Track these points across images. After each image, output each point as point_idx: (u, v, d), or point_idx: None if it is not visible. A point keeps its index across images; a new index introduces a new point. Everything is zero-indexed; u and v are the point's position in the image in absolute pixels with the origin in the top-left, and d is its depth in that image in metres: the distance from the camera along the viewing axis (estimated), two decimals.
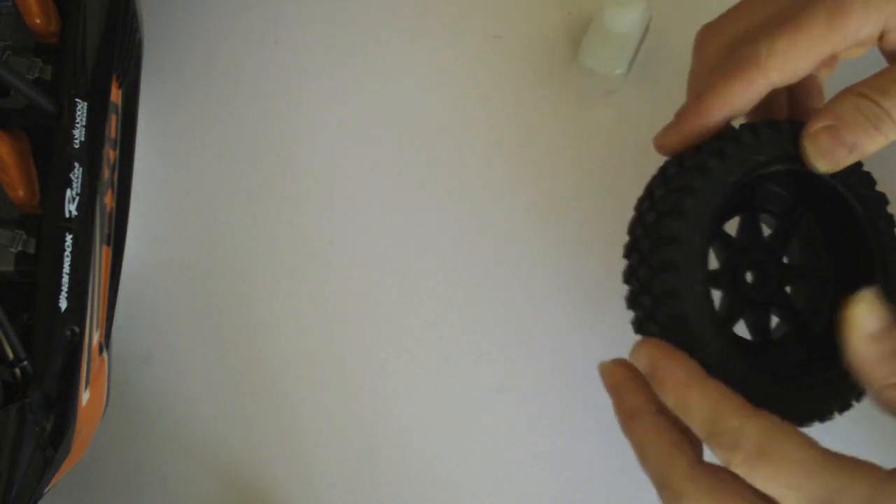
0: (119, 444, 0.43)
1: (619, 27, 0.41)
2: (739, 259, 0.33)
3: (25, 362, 0.33)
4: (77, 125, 0.37)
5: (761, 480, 0.27)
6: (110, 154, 0.40)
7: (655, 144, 0.33)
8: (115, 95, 0.40)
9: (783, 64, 0.30)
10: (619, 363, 0.31)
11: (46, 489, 0.34)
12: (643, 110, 0.44)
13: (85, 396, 0.36)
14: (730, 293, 0.32)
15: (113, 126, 0.40)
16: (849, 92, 0.30)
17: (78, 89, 0.37)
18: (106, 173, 0.39)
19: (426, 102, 0.46)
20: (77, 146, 0.36)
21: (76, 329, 0.35)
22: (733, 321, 0.32)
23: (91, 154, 0.37)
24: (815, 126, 0.30)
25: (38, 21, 0.37)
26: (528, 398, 0.42)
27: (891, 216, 0.32)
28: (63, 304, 0.35)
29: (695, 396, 0.28)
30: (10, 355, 0.33)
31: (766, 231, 0.35)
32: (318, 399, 0.43)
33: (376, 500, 0.42)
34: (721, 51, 0.33)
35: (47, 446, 0.33)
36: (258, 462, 0.43)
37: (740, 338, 0.32)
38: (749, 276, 0.33)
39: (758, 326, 0.33)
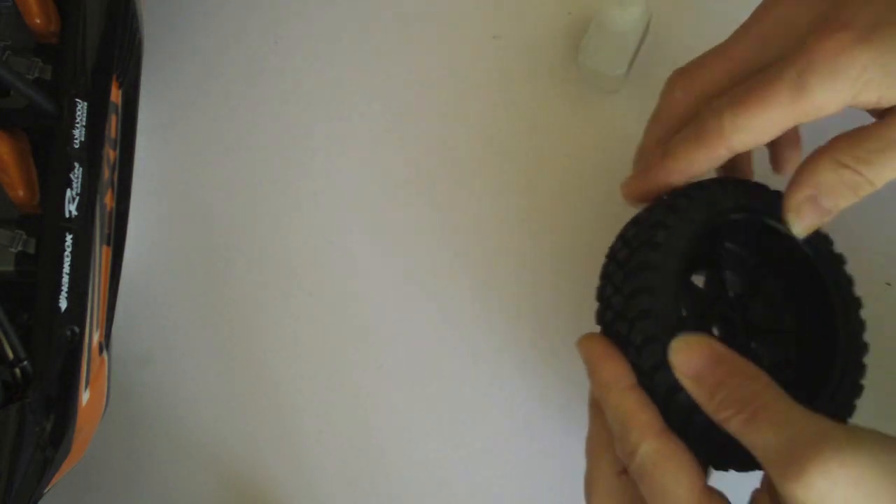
0: (119, 444, 0.43)
1: (619, 27, 0.41)
2: (706, 312, 0.34)
3: (25, 362, 0.33)
4: (77, 125, 0.37)
5: (645, 495, 0.29)
6: (110, 154, 0.40)
7: (622, 192, 0.34)
8: (115, 95, 0.40)
9: (745, 137, 0.31)
10: (596, 337, 0.32)
11: (46, 489, 0.34)
12: (643, 110, 0.44)
13: (85, 396, 0.36)
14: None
15: (113, 126, 0.40)
16: (827, 158, 0.30)
17: (78, 89, 0.37)
18: (106, 173, 0.39)
19: (426, 102, 0.46)
20: (77, 146, 0.37)
21: (76, 329, 0.35)
22: None
23: (91, 154, 0.37)
24: (798, 197, 0.31)
25: (38, 21, 0.37)
26: (528, 398, 0.42)
27: (848, 276, 0.33)
28: (63, 304, 0.35)
29: (613, 400, 0.30)
30: (10, 355, 0.33)
31: (732, 289, 0.36)
32: (317, 399, 0.43)
33: (376, 499, 0.42)
34: (688, 101, 0.34)
35: (47, 446, 0.33)
36: (258, 462, 0.43)
37: None
38: (715, 330, 0.34)
39: None
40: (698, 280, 0.35)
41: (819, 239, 0.33)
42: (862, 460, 0.26)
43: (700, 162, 0.32)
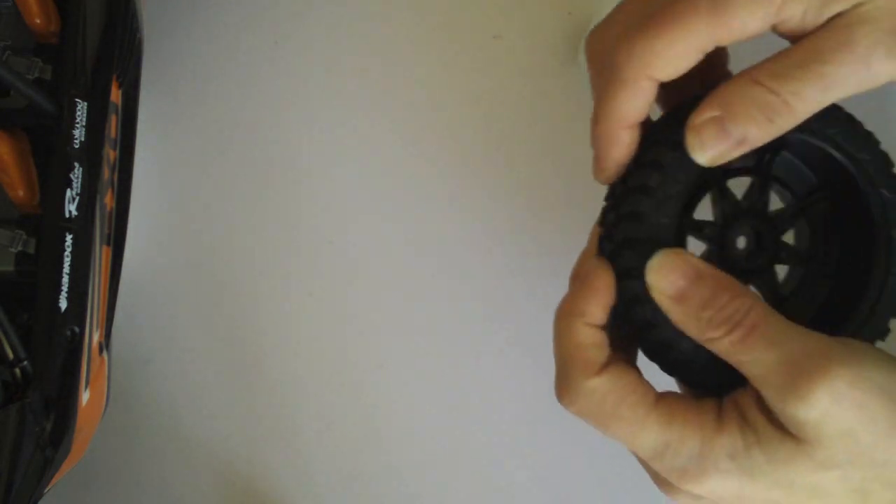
0: (119, 444, 0.43)
1: None
2: (738, 220, 0.32)
3: (25, 362, 0.33)
4: (77, 125, 0.37)
5: (605, 433, 0.28)
6: (110, 154, 0.40)
7: (596, 178, 0.31)
8: (115, 95, 0.40)
9: (664, 66, 0.27)
10: (589, 262, 0.30)
11: (46, 489, 0.34)
12: None
13: (85, 396, 0.36)
14: (713, 248, 0.31)
15: (113, 126, 0.40)
16: (743, 76, 0.27)
17: (78, 89, 0.37)
18: (106, 173, 0.39)
19: (426, 102, 0.46)
20: (77, 146, 0.36)
21: (76, 329, 0.35)
22: None
23: (91, 154, 0.37)
24: (701, 116, 0.27)
25: (38, 21, 0.37)
26: (530, 397, 0.42)
27: None
28: (63, 304, 0.35)
29: (559, 328, 0.29)
30: (10, 355, 0.32)
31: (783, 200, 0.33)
32: (317, 399, 0.43)
33: (376, 499, 0.42)
34: (606, 57, 0.29)
35: (47, 446, 0.33)
36: (258, 462, 0.43)
37: None
38: (742, 242, 0.31)
39: None
40: (739, 187, 0.32)
41: (886, 180, 0.30)
42: (866, 380, 0.25)
43: (625, 108, 0.28)
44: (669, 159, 0.29)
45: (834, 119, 0.30)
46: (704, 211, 0.31)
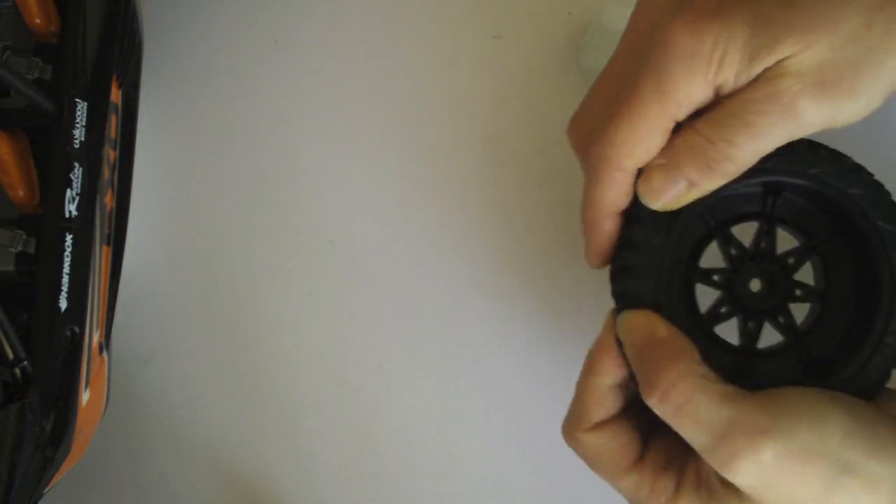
0: (119, 444, 0.43)
1: (619, 27, 0.41)
2: (748, 265, 0.33)
3: (25, 362, 0.33)
4: (77, 125, 0.37)
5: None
6: (110, 154, 0.40)
7: (591, 266, 0.33)
8: (115, 95, 0.40)
9: (632, 151, 0.30)
10: (609, 327, 0.33)
11: (46, 489, 0.34)
12: None
13: (85, 396, 0.36)
14: (723, 293, 0.33)
15: (113, 126, 0.40)
16: (687, 127, 0.29)
17: (78, 89, 0.37)
18: (106, 173, 0.39)
19: (426, 102, 0.46)
20: (77, 146, 0.36)
21: (76, 329, 0.35)
22: (719, 320, 0.33)
23: (91, 154, 0.37)
24: (650, 165, 0.30)
25: (38, 21, 0.37)
26: (531, 398, 0.42)
27: None
28: (63, 304, 0.35)
29: (579, 382, 0.32)
30: (10, 355, 0.33)
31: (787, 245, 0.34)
32: (318, 399, 0.43)
33: (376, 499, 0.42)
34: (584, 147, 0.33)
35: (47, 446, 0.33)
36: (258, 462, 0.43)
37: (721, 339, 0.33)
38: (756, 285, 0.33)
39: (746, 332, 0.33)
40: (747, 234, 0.33)
41: (885, 212, 0.31)
42: (795, 448, 0.27)
43: (608, 196, 0.31)
44: (647, 213, 0.31)
45: (816, 158, 0.31)
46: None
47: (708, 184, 0.30)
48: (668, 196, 0.30)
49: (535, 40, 0.46)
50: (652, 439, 0.32)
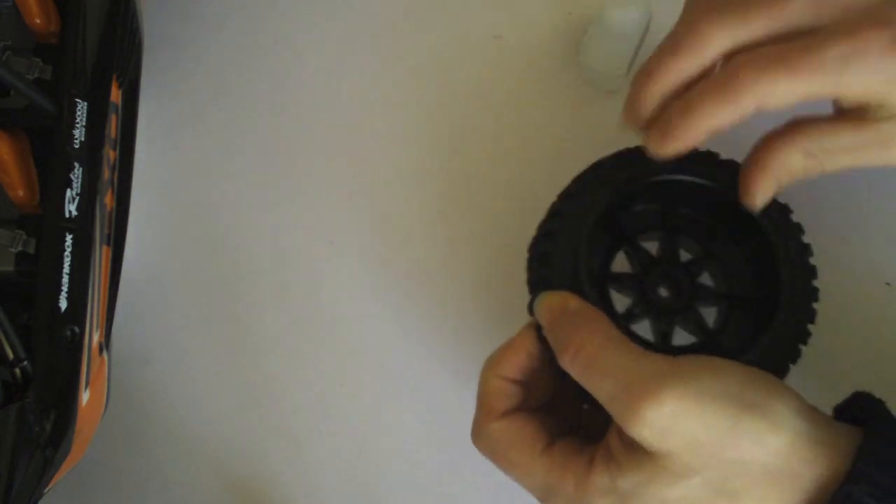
0: (119, 444, 0.43)
1: (619, 27, 0.41)
2: (651, 273, 0.36)
3: (25, 362, 0.33)
4: (77, 125, 0.37)
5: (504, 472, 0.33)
6: (110, 154, 0.40)
7: (650, 147, 0.33)
8: (115, 95, 0.40)
9: (776, 100, 0.31)
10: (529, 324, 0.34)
11: (46, 489, 0.34)
12: None
13: (85, 396, 0.36)
14: (636, 297, 0.36)
15: (113, 126, 0.40)
16: (797, 147, 0.32)
17: (78, 89, 0.37)
18: (106, 173, 0.39)
19: (426, 102, 0.46)
20: (77, 146, 0.37)
21: (76, 329, 0.35)
22: (634, 320, 0.35)
23: (91, 154, 0.37)
24: (766, 180, 0.32)
25: (38, 21, 0.37)
26: None
27: (804, 244, 0.34)
28: (63, 304, 0.35)
29: (480, 377, 0.34)
30: (10, 355, 0.33)
31: (690, 253, 0.38)
32: (318, 398, 0.43)
33: (376, 499, 0.42)
34: (720, 46, 0.32)
35: (47, 446, 0.33)
36: (258, 461, 0.43)
37: (639, 336, 0.35)
38: (663, 291, 0.36)
39: (660, 331, 0.35)
40: (652, 245, 0.37)
41: (776, 208, 0.34)
42: (698, 390, 0.28)
43: (724, 119, 0.31)
44: (566, 207, 0.34)
45: (712, 162, 0.35)
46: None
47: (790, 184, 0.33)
48: (770, 197, 0.33)
49: (535, 40, 0.46)
50: (560, 439, 0.32)
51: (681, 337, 0.35)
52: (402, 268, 0.44)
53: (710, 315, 0.36)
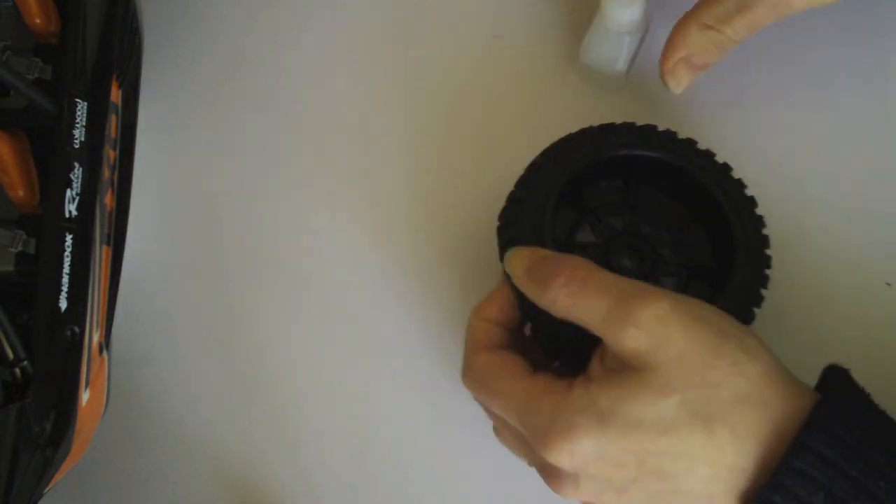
0: (119, 444, 0.43)
1: (619, 27, 0.41)
2: (616, 245, 0.38)
3: (25, 362, 0.33)
4: (77, 125, 0.37)
5: (485, 405, 0.35)
6: (110, 154, 0.40)
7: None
8: (115, 95, 0.40)
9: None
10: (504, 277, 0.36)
11: (46, 489, 0.34)
12: (643, 110, 0.44)
13: (85, 396, 0.36)
14: (602, 265, 0.37)
15: (113, 126, 0.40)
16: (693, 22, 0.37)
17: (78, 89, 0.37)
18: (106, 173, 0.39)
19: (426, 102, 0.46)
20: (77, 146, 0.37)
21: (76, 329, 0.35)
22: None
23: (91, 154, 0.37)
24: (673, 59, 0.38)
25: (38, 21, 0.37)
26: None
27: (758, 216, 0.36)
28: (63, 304, 0.35)
29: (469, 322, 0.36)
30: (10, 355, 0.33)
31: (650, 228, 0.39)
32: (318, 399, 0.43)
33: (376, 499, 0.42)
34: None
35: (47, 446, 0.33)
36: (258, 462, 0.43)
37: None
38: (627, 259, 0.38)
39: None
40: (616, 221, 0.39)
41: (731, 183, 0.37)
42: (686, 308, 0.31)
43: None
44: (532, 179, 0.37)
45: (667, 140, 0.38)
46: None
47: (715, 61, 0.38)
48: (689, 80, 0.39)
49: (535, 40, 0.46)
50: (541, 371, 0.34)
51: None
52: (402, 268, 0.44)
53: (668, 285, 0.38)
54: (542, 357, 0.36)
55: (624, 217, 0.39)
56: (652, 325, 0.30)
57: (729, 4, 0.37)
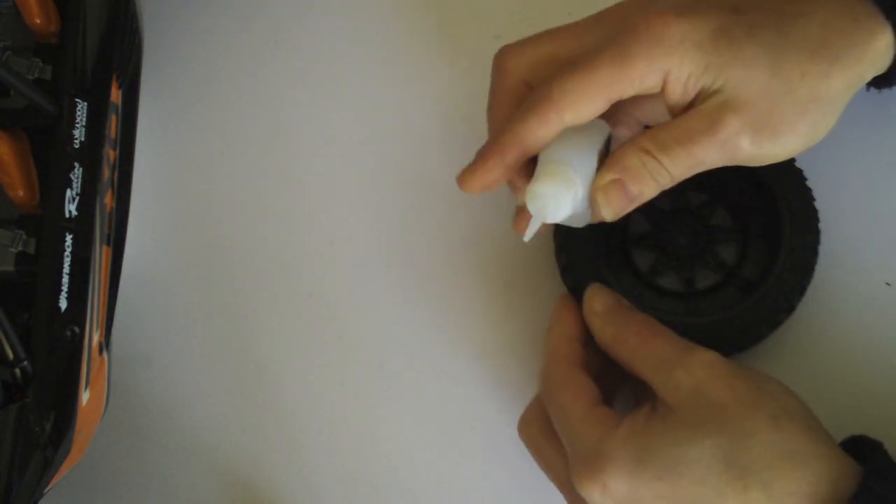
0: (119, 444, 0.43)
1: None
2: (668, 226, 0.39)
3: (25, 362, 0.33)
4: (77, 125, 0.37)
5: (552, 413, 0.36)
6: (110, 154, 0.40)
7: (459, 184, 0.36)
8: (115, 95, 0.40)
9: (574, 104, 0.32)
10: (565, 295, 0.39)
11: (46, 489, 0.34)
12: None
13: (85, 396, 0.36)
14: (656, 252, 0.40)
15: (113, 126, 0.40)
16: (633, 145, 0.33)
17: (78, 89, 0.37)
18: (106, 173, 0.39)
19: (426, 102, 0.46)
20: (77, 146, 0.37)
21: (76, 329, 0.35)
22: (659, 275, 0.40)
23: (91, 154, 0.37)
24: (605, 179, 0.33)
25: (38, 21, 0.37)
26: (531, 397, 0.42)
27: (807, 188, 0.38)
28: (63, 304, 0.35)
29: (548, 338, 0.38)
30: (10, 355, 0.33)
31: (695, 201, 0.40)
32: (318, 399, 0.43)
33: (376, 499, 0.42)
34: (521, 72, 0.36)
35: (47, 446, 0.33)
36: (258, 462, 0.43)
37: (667, 288, 0.40)
38: (681, 237, 0.39)
39: (684, 278, 0.39)
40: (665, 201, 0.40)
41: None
42: (727, 363, 0.32)
43: (531, 133, 0.33)
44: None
45: None
46: None
47: (648, 195, 0.33)
48: (620, 207, 0.33)
49: None
50: (606, 405, 0.35)
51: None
52: (402, 268, 0.44)
53: (728, 253, 0.39)
54: (610, 387, 0.37)
55: (671, 195, 0.38)
56: (696, 369, 0.32)
57: (674, 132, 0.32)
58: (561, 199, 0.32)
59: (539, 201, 0.33)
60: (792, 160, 0.37)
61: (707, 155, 0.32)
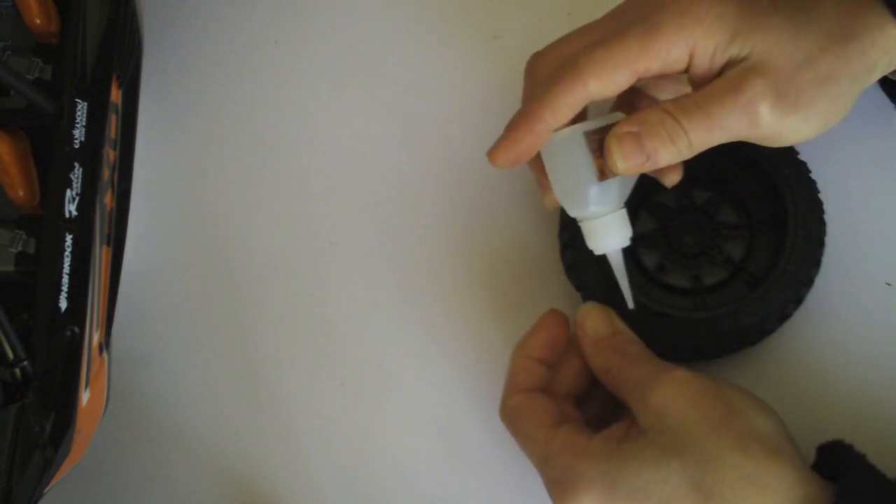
0: (119, 444, 0.43)
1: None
2: (673, 223, 0.40)
3: (25, 362, 0.33)
4: (77, 125, 0.37)
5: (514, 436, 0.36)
6: (110, 154, 0.40)
7: (490, 159, 0.36)
8: (115, 95, 0.40)
9: (600, 73, 0.32)
10: (553, 311, 0.39)
11: (46, 489, 0.34)
12: None
13: (85, 396, 0.36)
14: (663, 250, 0.40)
15: (113, 126, 0.40)
16: (656, 107, 0.33)
17: (78, 89, 0.37)
18: (106, 173, 0.39)
19: (426, 102, 0.46)
20: (77, 146, 0.37)
21: (76, 329, 0.35)
22: (667, 272, 0.40)
23: (91, 154, 0.37)
24: (623, 129, 0.33)
25: (38, 21, 0.37)
26: None
27: (811, 180, 0.38)
28: (63, 304, 0.35)
29: (511, 357, 0.38)
30: (10, 355, 0.33)
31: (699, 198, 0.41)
32: (318, 398, 0.43)
33: (376, 498, 0.42)
34: (548, 71, 0.35)
35: (47, 446, 0.33)
36: (258, 462, 0.43)
37: (674, 285, 0.40)
38: (688, 234, 0.39)
39: (691, 274, 0.40)
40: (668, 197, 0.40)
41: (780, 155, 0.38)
42: (697, 381, 0.33)
43: (559, 101, 0.33)
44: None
45: None
46: None
47: (663, 158, 0.33)
48: (633, 161, 0.33)
49: (535, 40, 0.46)
50: (571, 423, 0.35)
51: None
52: (402, 268, 0.44)
53: (734, 249, 0.40)
54: (575, 402, 0.38)
55: (677, 192, 0.39)
56: (666, 389, 0.32)
57: (696, 97, 0.32)
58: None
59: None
60: (795, 152, 0.38)
61: (726, 118, 0.32)
